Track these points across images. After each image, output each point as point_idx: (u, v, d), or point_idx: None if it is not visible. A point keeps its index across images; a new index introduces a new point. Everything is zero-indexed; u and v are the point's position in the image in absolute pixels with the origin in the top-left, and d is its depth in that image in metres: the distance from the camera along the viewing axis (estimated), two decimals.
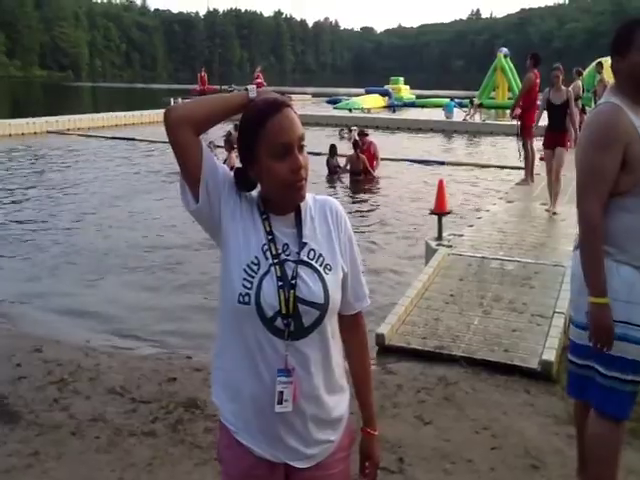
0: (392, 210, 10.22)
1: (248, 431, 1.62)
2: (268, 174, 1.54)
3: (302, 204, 1.63)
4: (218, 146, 13.41)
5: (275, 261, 1.56)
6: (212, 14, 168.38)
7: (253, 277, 1.54)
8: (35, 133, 19.86)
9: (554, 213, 8.12)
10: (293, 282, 1.55)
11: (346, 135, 17.16)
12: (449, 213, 7.49)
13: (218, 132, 20.45)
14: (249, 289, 1.53)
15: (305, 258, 1.59)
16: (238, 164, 1.65)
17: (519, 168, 11.60)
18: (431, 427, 3.59)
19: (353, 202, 10.89)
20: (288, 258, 1.58)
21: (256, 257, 1.56)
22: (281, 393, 1.56)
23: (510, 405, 3.83)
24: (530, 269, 5.98)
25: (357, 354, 1.78)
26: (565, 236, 6.92)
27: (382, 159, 13.49)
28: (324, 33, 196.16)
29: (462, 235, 7.23)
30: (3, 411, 3.77)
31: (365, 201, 11.10)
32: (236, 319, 1.58)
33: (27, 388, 4.06)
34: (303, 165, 1.54)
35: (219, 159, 1.61)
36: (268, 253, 1.57)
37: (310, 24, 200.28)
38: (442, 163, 14.92)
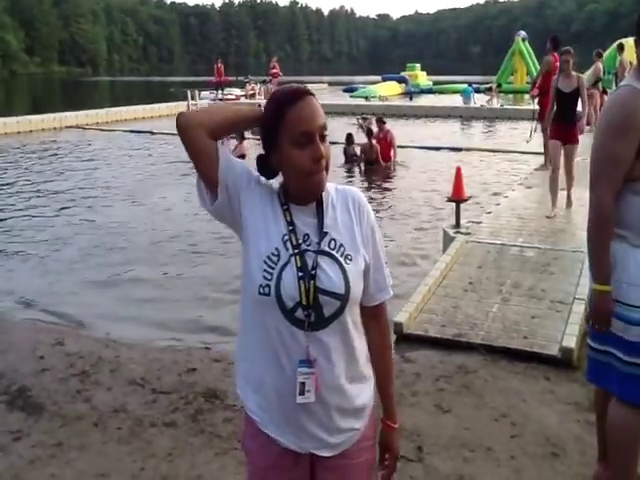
0: (409, 198, 10.17)
1: (273, 422, 1.63)
2: (288, 162, 1.54)
3: (324, 194, 1.62)
4: (232, 137, 13.46)
5: (295, 251, 1.55)
6: (227, 6, 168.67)
7: (273, 268, 1.54)
8: (54, 128, 20.06)
9: (552, 217, 7.19)
10: (313, 272, 1.54)
11: (359, 122, 17.03)
12: (467, 200, 7.44)
13: None
14: (269, 280, 1.53)
15: (326, 248, 1.58)
16: (248, 152, 1.67)
17: (538, 153, 11.47)
18: (450, 415, 3.58)
19: (369, 190, 10.84)
20: (308, 248, 1.57)
21: (276, 248, 1.56)
22: (303, 384, 1.55)
23: (530, 392, 3.81)
24: (549, 255, 5.92)
25: (378, 346, 1.75)
26: (585, 222, 6.81)
27: (399, 147, 13.40)
28: (340, 21, 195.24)
29: (480, 222, 7.18)
30: (27, 403, 3.84)
31: (382, 189, 11.06)
32: (257, 310, 1.59)
33: (50, 380, 4.13)
34: (324, 155, 1.53)
35: (231, 148, 1.63)
36: (288, 244, 1.56)
37: (326, 13, 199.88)
38: (459, 149, 14.80)
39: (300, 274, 1.54)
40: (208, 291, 6.28)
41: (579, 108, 7.50)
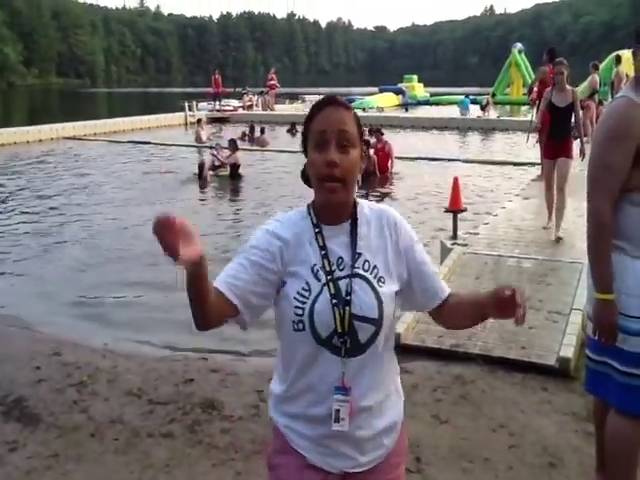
0: (406, 209, 10.18)
1: (303, 440, 1.62)
2: (309, 164, 1.56)
3: (358, 212, 1.61)
4: (224, 147, 13.57)
5: (329, 278, 1.54)
6: (225, 17, 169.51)
7: (305, 303, 1.53)
8: (52, 139, 20.09)
9: (559, 238, 6.76)
10: (348, 298, 1.53)
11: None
12: (464, 211, 7.47)
13: (236, 131, 20.63)
14: (301, 316, 1.52)
15: (360, 271, 1.56)
16: (241, 162, 1.69)
17: (535, 164, 11.51)
18: (448, 426, 3.57)
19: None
20: (341, 274, 1.55)
21: (307, 282, 1.54)
22: (338, 411, 1.55)
23: (527, 403, 3.81)
24: (547, 266, 5.93)
25: (461, 296, 1.70)
26: (583, 233, 6.80)
27: (396, 157, 13.45)
28: (337, 33, 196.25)
29: (477, 233, 7.19)
30: (23, 413, 3.83)
31: (379, 200, 11.07)
32: (293, 341, 1.58)
33: (47, 391, 4.11)
34: (337, 162, 1.50)
35: (224, 156, 1.63)
36: (320, 272, 1.55)
37: (323, 25, 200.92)
38: (457, 160, 14.85)
39: (334, 301, 1.52)
40: None
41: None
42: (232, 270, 1.54)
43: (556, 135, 6.86)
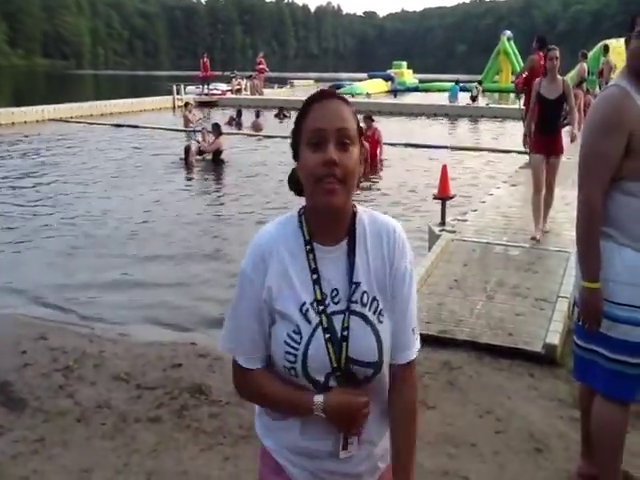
0: (395, 196, 10.19)
1: (299, 470, 1.50)
2: (302, 167, 1.37)
3: (357, 228, 1.43)
4: (209, 131, 13.48)
5: (322, 314, 1.37)
6: (214, 0, 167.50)
7: (297, 349, 1.37)
8: (37, 121, 19.86)
9: (537, 240, 6.29)
10: (345, 334, 1.38)
11: None
12: (452, 198, 7.47)
13: (224, 114, 20.50)
14: (294, 363, 1.38)
15: (357, 307, 1.39)
16: (224, 148, 1.60)
17: (523, 152, 11.53)
18: (435, 411, 3.59)
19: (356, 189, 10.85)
20: (336, 308, 1.39)
21: (297, 326, 1.38)
22: (346, 439, 1.44)
23: (514, 389, 3.83)
24: (534, 254, 5.96)
25: (400, 419, 1.47)
26: (570, 221, 6.85)
27: (385, 144, 13.43)
28: (326, 18, 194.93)
29: (466, 220, 7.21)
30: (9, 398, 3.80)
31: (368, 187, 11.07)
32: (286, 379, 1.43)
33: (33, 375, 4.08)
34: (338, 161, 1.33)
35: (209, 142, 1.55)
36: (311, 312, 1.38)
37: (312, 9, 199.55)
38: (445, 147, 14.86)
39: (329, 343, 1.37)
40: (195, 286, 6.25)
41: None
42: (247, 339, 1.43)
43: (546, 130, 6.27)
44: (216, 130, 13.05)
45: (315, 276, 1.37)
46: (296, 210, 1.46)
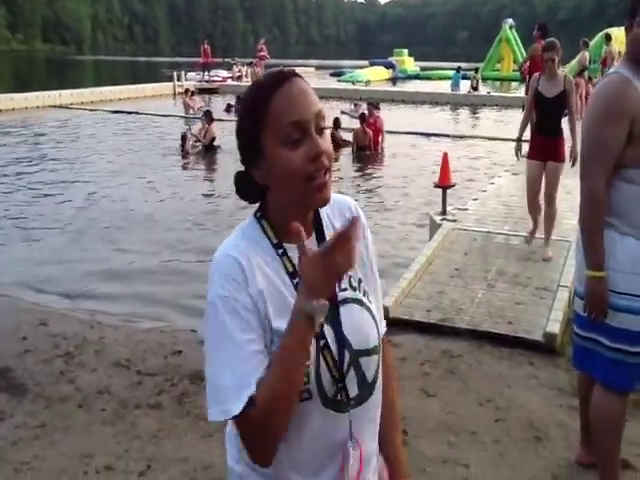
0: (397, 184, 10.16)
1: None
2: (278, 171, 1.15)
3: (321, 215, 1.28)
4: (198, 118, 13.41)
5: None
6: None
7: (307, 367, 1.15)
8: (38, 107, 19.76)
9: (548, 258, 5.56)
10: (344, 336, 1.22)
11: (351, 109, 16.95)
12: (453, 186, 7.44)
13: (222, 106, 20.43)
14: (307, 384, 1.16)
15: (349, 294, 1.25)
16: (217, 135, 1.43)
17: (524, 141, 11.48)
18: (435, 400, 3.60)
19: (358, 177, 10.83)
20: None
21: None
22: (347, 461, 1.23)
23: (514, 377, 3.84)
24: (535, 243, 5.95)
25: (386, 395, 1.37)
26: (571, 210, 6.84)
27: (387, 132, 13.39)
28: (327, 5, 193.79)
29: (467, 209, 7.20)
30: (10, 384, 3.81)
31: (369, 176, 11.04)
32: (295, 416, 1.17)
33: (33, 361, 4.09)
34: (325, 150, 1.15)
35: (201, 132, 1.35)
36: None
37: None
38: (447, 136, 14.81)
39: (330, 351, 1.20)
40: (195, 273, 6.24)
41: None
42: (257, 369, 1.12)
43: (544, 131, 5.51)
44: (208, 117, 12.99)
45: (296, 280, 1.18)
46: (250, 218, 1.26)
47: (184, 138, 12.67)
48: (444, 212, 6.98)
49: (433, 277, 5.29)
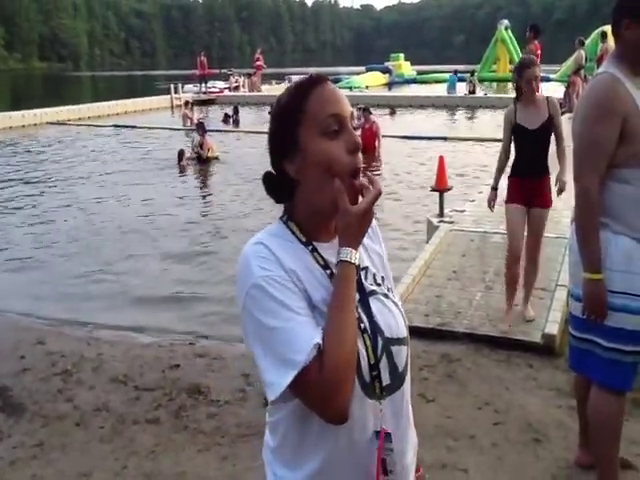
0: (393, 188, 10.16)
1: None
2: (317, 159, 1.18)
3: None
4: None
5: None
6: None
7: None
8: (35, 125, 19.82)
9: (530, 320, 4.47)
10: (376, 322, 1.24)
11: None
12: (450, 189, 7.44)
13: (219, 116, 20.47)
14: None
15: (375, 288, 1.29)
16: (213, 147, 1.49)
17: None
18: (434, 404, 3.58)
19: None
20: (357, 297, 1.23)
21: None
22: (384, 461, 1.22)
23: (513, 380, 3.82)
24: None
25: None
26: (568, 208, 6.79)
27: (383, 136, 13.39)
28: (323, 12, 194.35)
29: (464, 211, 7.19)
30: (8, 403, 3.80)
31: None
32: None
33: (31, 380, 4.09)
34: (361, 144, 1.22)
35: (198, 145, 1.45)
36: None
37: (309, 3, 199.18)
38: (444, 139, 14.81)
39: (365, 336, 1.21)
40: (191, 287, 6.24)
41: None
42: (317, 328, 1.15)
43: (526, 172, 4.34)
44: (200, 129, 13.01)
45: (329, 271, 1.22)
46: (276, 221, 1.29)
47: (181, 155, 12.62)
48: (441, 214, 6.98)
49: (431, 280, 5.28)
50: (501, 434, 3.27)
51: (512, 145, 4.51)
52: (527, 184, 4.36)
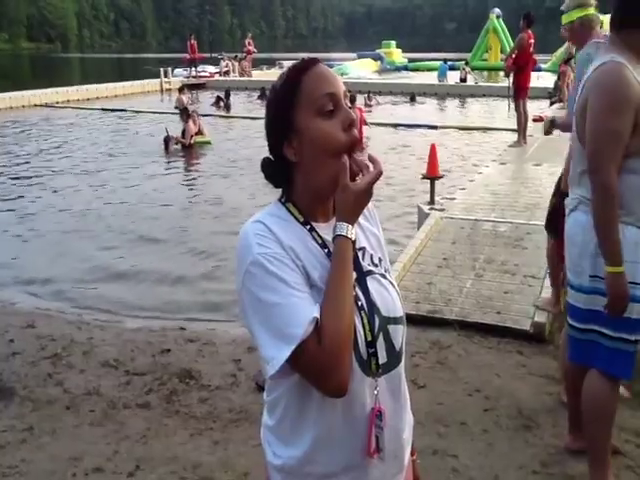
0: (384, 176, 10.11)
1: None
2: (314, 139, 1.20)
3: None
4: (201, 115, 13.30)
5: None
6: None
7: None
8: (23, 106, 19.62)
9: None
10: (373, 301, 1.26)
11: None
12: (441, 177, 7.44)
13: (209, 101, 20.33)
14: None
15: (372, 268, 1.31)
16: (195, 130, 1.47)
17: (512, 130, 11.51)
18: (425, 391, 3.60)
19: None
20: (354, 276, 1.24)
21: None
22: (377, 438, 1.25)
23: (503, 367, 3.84)
24: (522, 230, 5.96)
25: None
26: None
27: (373, 124, 13.37)
28: None
29: (454, 198, 7.20)
30: None
31: None
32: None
33: (21, 364, 4.06)
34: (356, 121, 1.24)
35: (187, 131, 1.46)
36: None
37: None
38: (434, 127, 14.80)
39: (362, 313, 1.23)
40: (182, 271, 6.22)
41: None
42: (314, 304, 1.17)
43: None
44: (185, 114, 12.89)
45: (327, 250, 1.23)
46: (274, 202, 1.30)
47: (167, 142, 12.50)
48: (432, 202, 6.98)
49: (422, 268, 5.29)
50: (491, 420, 3.29)
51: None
52: None
